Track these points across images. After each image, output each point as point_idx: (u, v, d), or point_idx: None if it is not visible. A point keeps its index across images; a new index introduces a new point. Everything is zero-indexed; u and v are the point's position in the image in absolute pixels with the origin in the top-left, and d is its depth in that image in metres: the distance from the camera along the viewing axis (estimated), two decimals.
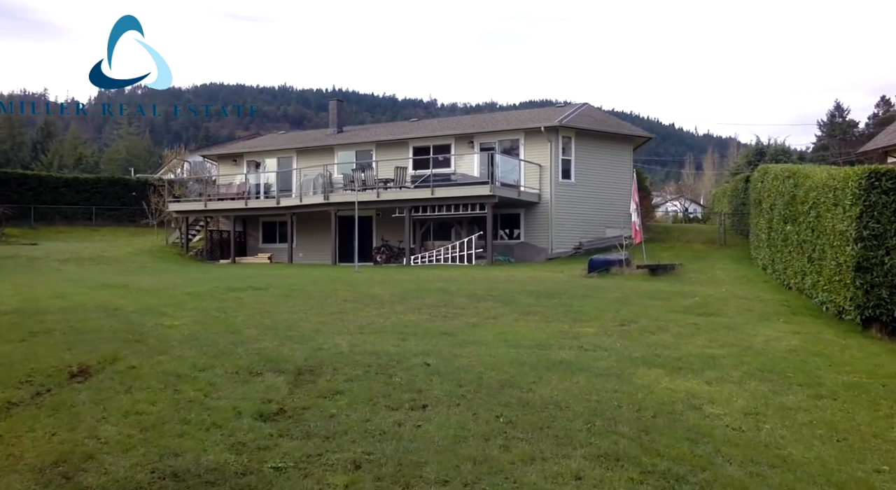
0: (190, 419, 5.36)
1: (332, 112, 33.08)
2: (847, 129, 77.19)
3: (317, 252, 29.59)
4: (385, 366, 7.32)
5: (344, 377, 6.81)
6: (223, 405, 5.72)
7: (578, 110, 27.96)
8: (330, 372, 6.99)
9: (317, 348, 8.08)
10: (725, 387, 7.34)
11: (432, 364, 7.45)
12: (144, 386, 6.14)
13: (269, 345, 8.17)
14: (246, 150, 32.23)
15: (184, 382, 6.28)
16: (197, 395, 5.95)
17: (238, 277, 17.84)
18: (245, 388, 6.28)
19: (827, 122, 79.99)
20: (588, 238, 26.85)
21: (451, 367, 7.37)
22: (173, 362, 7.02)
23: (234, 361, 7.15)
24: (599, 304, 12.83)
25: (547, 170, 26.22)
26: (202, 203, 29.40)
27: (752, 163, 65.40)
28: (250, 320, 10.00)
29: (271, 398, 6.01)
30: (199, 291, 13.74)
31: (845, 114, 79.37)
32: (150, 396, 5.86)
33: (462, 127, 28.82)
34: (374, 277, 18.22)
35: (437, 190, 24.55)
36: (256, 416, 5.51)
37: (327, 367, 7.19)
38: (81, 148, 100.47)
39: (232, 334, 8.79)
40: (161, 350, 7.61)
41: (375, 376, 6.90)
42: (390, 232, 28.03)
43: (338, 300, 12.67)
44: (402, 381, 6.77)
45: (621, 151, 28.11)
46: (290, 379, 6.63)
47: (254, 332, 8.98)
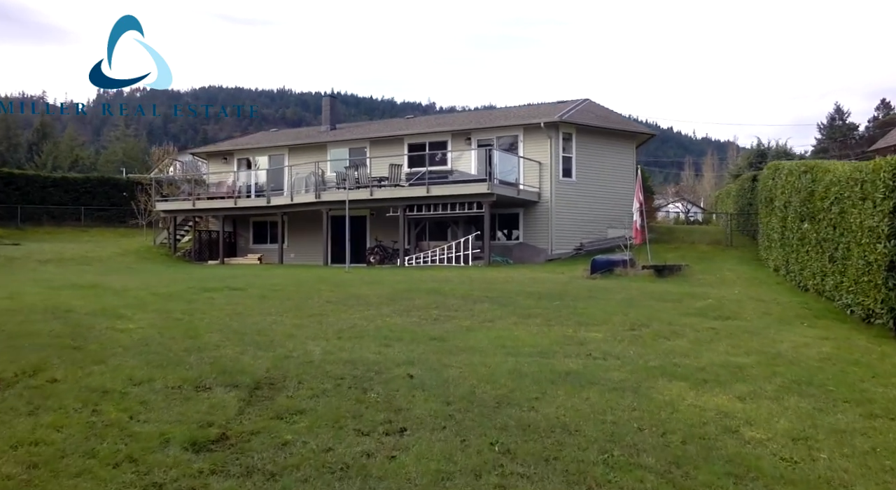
0: (99, 451, 4.19)
1: (325, 109, 31.93)
2: (847, 132, 76.39)
3: (309, 253, 28.41)
4: (361, 378, 6.16)
5: (309, 392, 5.64)
6: (149, 431, 4.56)
7: (579, 106, 26.82)
8: (293, 385, 5.82)
9: (284, 356, 6.91)
10: (761, 404, 6.18)
11: (416, 376, 6.29)
12: (57, 405, 4.97)
13: (230, 352, 7.01)
14: (236, 147, 31.05)
15: (108, 400, 5.12)
16: (120, 417, 4.79)
17: (219, 278, 16.67)
18: (184, 407, 5.11)
19: (827, 124, 79.29)
20: (589, 239, 25.69)
21: (438, 379, 6.21)
22: (106, 374, 5.85)
23: (180, 373, 5.98)
24: (606, 307, 11.67)
25: (547, 168, 25.08)
26: (190, 202, 28.23)
27: (753, 165, 64.35)
28: (215, 323, 8.83)
29: (213, 420, 4.83)
30: (170, 292, 12.58)
31: (845, 117, 78.59)
32: (59, 419, 4.69)
33: (459, 123, 27.68)
34: (363, 278, 17.06)
35: (432, 188, 23.40)
36: (188, 446, 4.34)
37: (292, 379, 6.02)
38: (78, 149, 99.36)
39: (190, 340, 7.62)
40: (98, 359, 6.44)
41: (347, 391, 5.73)
42: (385, 232, 26.88)
43: (320, 301, 11.50)
44: (379, 397, 5.60)
45: (624, 149, 26.98)
46: (243, 395, 5.47)
47: (216, 338, 7.81)
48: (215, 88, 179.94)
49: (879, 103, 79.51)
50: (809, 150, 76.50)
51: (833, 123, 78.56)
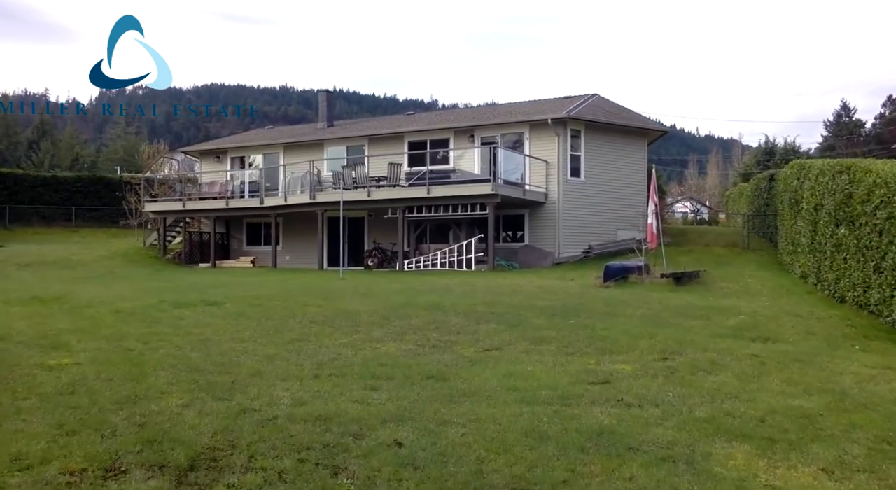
0: None
1: (322, 105, 30.40)
2: (854, 129, 74.99)
3: (304, 255, 26.94)
4: (334, 447, 4.67)
5: (260, 476, 4.15)
6: None
7: (588, 101, 25.28)
8: (242, 463, 4.33)
9: (241, 410, 5.43)
10: (857, 481, 4.68)
11: (407, 443, 4.80)
12: None
13: (173, 404, 5.53)
14: (230, 145, 29.54)
15: None
16: None
17: (200, 287, 15.19)
18: None
19: (833, 122, 78.02)
20: (599, 241, 24.17)
21: (435, 449, 4.72)
22: None
23: (93, 445, 4.48)
24: (628, 326, 10.17)
25: (554, 166, 23.56)
26: (181, 203, 26.74)
27: (761, 163, 62.74)
28: (171, 356, 7.35)
29: None
30: (136, 307, 11.12)
31: (852, 114, 77.26)
32: None
33: (461, 120, 26.16)
34: (358, 286, 15.59)
35: (433, 189, 21.89)
36: None
37: (242, 450, 4.54)
38: (78, 147, 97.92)
39: (130, 383, 6.15)
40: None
41: (312, 472, 4.24)
42: (383, 234, 25.38)
43: (303, 321, 10.03)
44: (354, 484, 4.11)
45: (635, 146, 25.45)
46: (167, 485, 3.97)
47: (163, 379, 6.33)
48: (217, 86, 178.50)
49: (886, 100, 77.85)
50: (814, 147, 74.99)
51: (840, 120, 77.21)
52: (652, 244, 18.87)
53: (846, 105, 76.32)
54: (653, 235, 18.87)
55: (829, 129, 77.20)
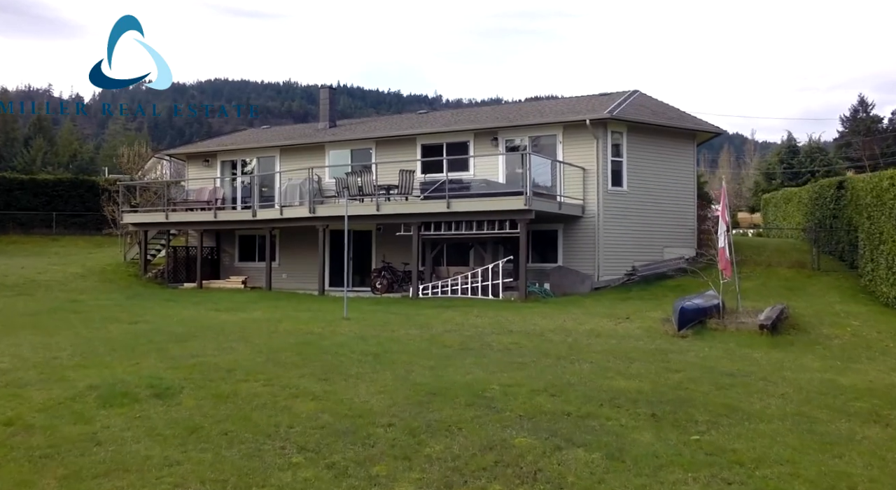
0: None
1: (324, 102, 26.61)
2: (871, 125, 71.51)
3: (304, 274, 23.29)
4: None
5: None
6: None
7: (630, 99, 21.51)
8: None
9: None
10: None
11: None
12: None
13: None
14: (220, 148, 25.76)
15: None
16: None
17: (163, 338, 11.45)
18: None
19: (850, 117, 74.71)
20: (643, 261, 20.48)
21: None
22: None
23: None
24: (780, 449, 6.45)
25: (592, 174, 19.85)
26: (163, 214, 23.02)
27: (783, 161, 58.92)
28: None
29: None
30: (47, 403, 7.45)
31: (869, 109, 73.72)
32: None
33: (483, 120, 22.39)
34: (366, 337, 11.89)
35: (454, 203, 18.20)
36: None
37: None
38: (77, 145, 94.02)
39: None
40: None
41: None
42: (394, 249, 21.70)
43: (287, 444, 6.34)
44: None
45: (683, 150, 21.71)
46: None
47: None
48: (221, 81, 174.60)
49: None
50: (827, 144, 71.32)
51: (856, 116, 73.82)
52: (726, 273, 15.17)
53: (863, 100, 72.75)
54: (726, 264, 15.17)
55: (846, 125, 73.88)
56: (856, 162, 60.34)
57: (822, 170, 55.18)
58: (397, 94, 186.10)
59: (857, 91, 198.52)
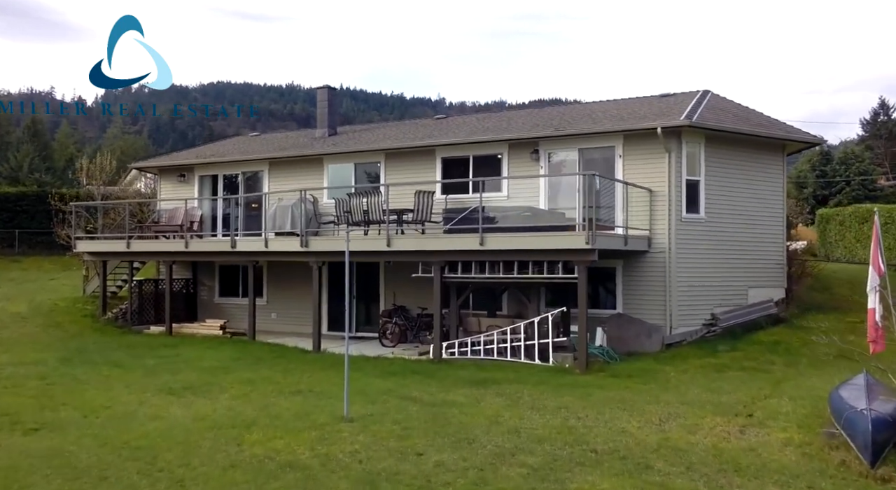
0: None
1: (322, 105, 21.82)
2: (893, 128, 67.05)
3: (297, 313, 18.62)
4: None
5: None
6: None
7: (705, 101, 16.75)
8: None
9: None
10: None
11: None
12: None
13: None
14: (198, 160, 20.98)
15: None
16: None
17: (73, 465, 6.75)
18: None
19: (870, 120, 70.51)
20: (725, 306, 15.77)
21: None
22: None
23: None
24: None
25: (662, 198, 15.12)
26: (124, 242, 18.28)
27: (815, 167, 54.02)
28: None
29: None
30: None
31: (891, 112, 69.37)
32: None
33: (519, 127, 17.57)
34: (375, 483, 7.19)
35: (489, 238, 13.48)
36: None
37: None
38: (73, 149, 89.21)
39: None
40: None
41: None
42: (407, 286, 16.97)
43: None
44: None
45: (770, 164, 16.96)
46: None
47: None
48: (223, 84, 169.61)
49: None
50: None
51: (877, 119, 69.54)
52: (876, 347, 10.41)
53: (884, 103, 68.40)
54: (878, 333, 10.42)
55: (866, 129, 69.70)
56: (877, 166, 56.10)
57: (857, 178, 50.31)
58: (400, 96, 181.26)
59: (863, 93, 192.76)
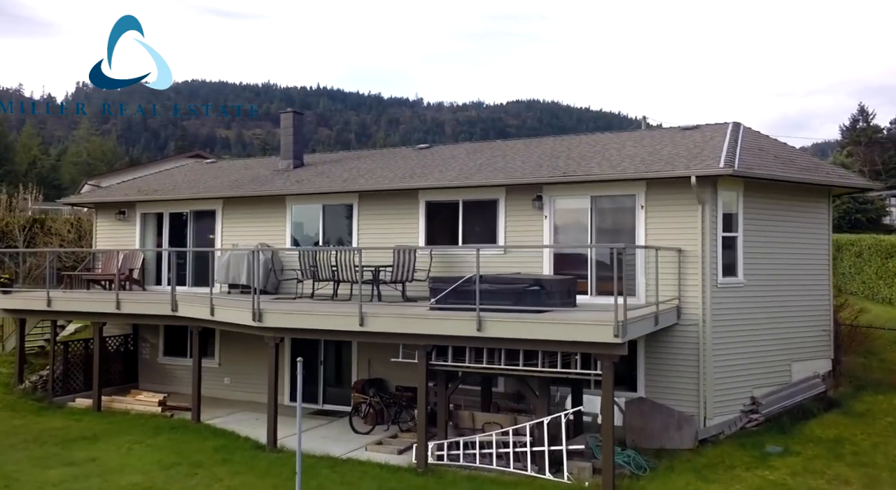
0: None
1: (286, 132, 18.57)
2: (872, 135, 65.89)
3: (254, 379, 15.51)
4: None
5: None
6: None
7: (739, 139, 13.84)
8: None
9: None
10: None
11: None
12: None
13: None
14: (141, 197, 17.63)
15: None
16: None
17: None
18: None
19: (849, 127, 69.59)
20: (766, 387, 12.95)
21: None
22: None
23: None
24: None
25: (694, 259, 12.22)
26: (44, 299, 14.98)
27: None
28: None
29: None
30: None
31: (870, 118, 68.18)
32: None
33: (518, 169, 14.42)
34: None
35: (490, 323, 10.46)
36: None
37: None
38: (37, 150, 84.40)
39: None
40: None
41: None
42: (383, 357, 13.90)
43: None
44: None
45: (815, 213, 14.15)
46: None
47: None
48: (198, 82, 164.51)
49: None
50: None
51: (856, 126, 68.49)
52: None
53: (863, 109, 67.29)
54: None
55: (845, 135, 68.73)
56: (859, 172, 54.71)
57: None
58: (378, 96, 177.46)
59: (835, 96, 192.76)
